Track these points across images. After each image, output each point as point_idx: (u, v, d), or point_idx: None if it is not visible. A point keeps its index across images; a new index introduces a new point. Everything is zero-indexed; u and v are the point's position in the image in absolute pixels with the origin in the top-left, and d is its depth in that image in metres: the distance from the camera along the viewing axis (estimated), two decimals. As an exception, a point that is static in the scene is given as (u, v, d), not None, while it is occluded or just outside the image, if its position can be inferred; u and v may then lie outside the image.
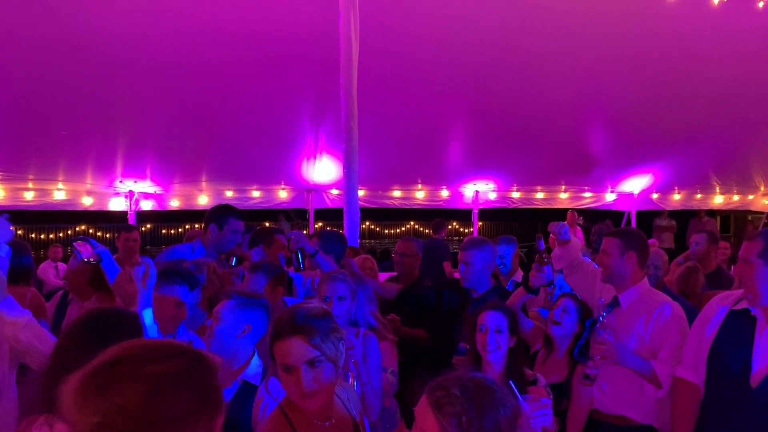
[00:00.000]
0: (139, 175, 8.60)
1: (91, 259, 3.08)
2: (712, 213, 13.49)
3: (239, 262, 4.08)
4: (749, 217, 17.14)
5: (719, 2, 6.41)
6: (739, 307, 2.57)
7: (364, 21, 5.94)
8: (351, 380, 2.82)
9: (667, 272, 5.03)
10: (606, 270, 3.17)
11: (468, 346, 3.08)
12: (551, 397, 2.84)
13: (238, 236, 4.03)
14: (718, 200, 11.70)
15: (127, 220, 8.75)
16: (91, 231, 16.88)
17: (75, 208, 8.82)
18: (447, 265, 7.60)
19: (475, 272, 3.69)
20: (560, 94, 7.90)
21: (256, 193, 9.49)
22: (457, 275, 3.96)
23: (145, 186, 8.80)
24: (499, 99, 7.96)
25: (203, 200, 9.13)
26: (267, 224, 14.01)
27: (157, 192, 8.94)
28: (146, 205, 8.98)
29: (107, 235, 16.14)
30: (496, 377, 2.80)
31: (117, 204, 8.85)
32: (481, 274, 3.72)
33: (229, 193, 9.32)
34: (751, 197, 11.75)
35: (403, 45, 6.92)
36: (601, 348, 2.82)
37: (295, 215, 15.86)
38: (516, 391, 2.43)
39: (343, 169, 6.23)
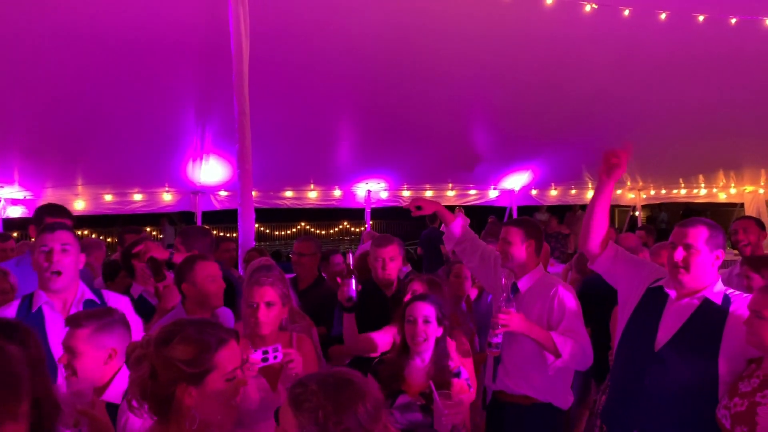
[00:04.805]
0: (6, 180, 7.90)
1: None
2: (585, 207, 14.41)
3: None
4: (616, 211, 18.54)
5: (591, 9, 6.84)
6: (655, 285, 2.85)
7: (252, 17, 5.82)
8: None
9: (547, 262, 5.51)
10: (506, 257, 3.40)
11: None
12: (473, 389, 2.97)
13: None
14: (590, 195, 12.49)
15: (-10, 228, 8.05)
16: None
17: (-71, 216, 8.02)
18: (443, 248, 8.36)
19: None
20: (445, 94, 8.11)
21: (138, 197, 9.00)
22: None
23: (13, 191, 8.10)
24: (388, 99, 8.05)
25: (79, 205, 8.53)
26: (148, 229, 13.35)
27: (27, 197, 8.23)
28: (15, 212, 8.25)
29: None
30: (424, 366, 2.90)
31: (-20, 211, 8.10)
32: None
33: (108, 197, 8.78)
34: (619, 192, 12.70)
35: (292, 44, 6.83)
36: (503, 317, 3.00)
37: (179, 219, 15.20)
38: (434, 390, 2.54)
39: (237, 169, 6.06)
